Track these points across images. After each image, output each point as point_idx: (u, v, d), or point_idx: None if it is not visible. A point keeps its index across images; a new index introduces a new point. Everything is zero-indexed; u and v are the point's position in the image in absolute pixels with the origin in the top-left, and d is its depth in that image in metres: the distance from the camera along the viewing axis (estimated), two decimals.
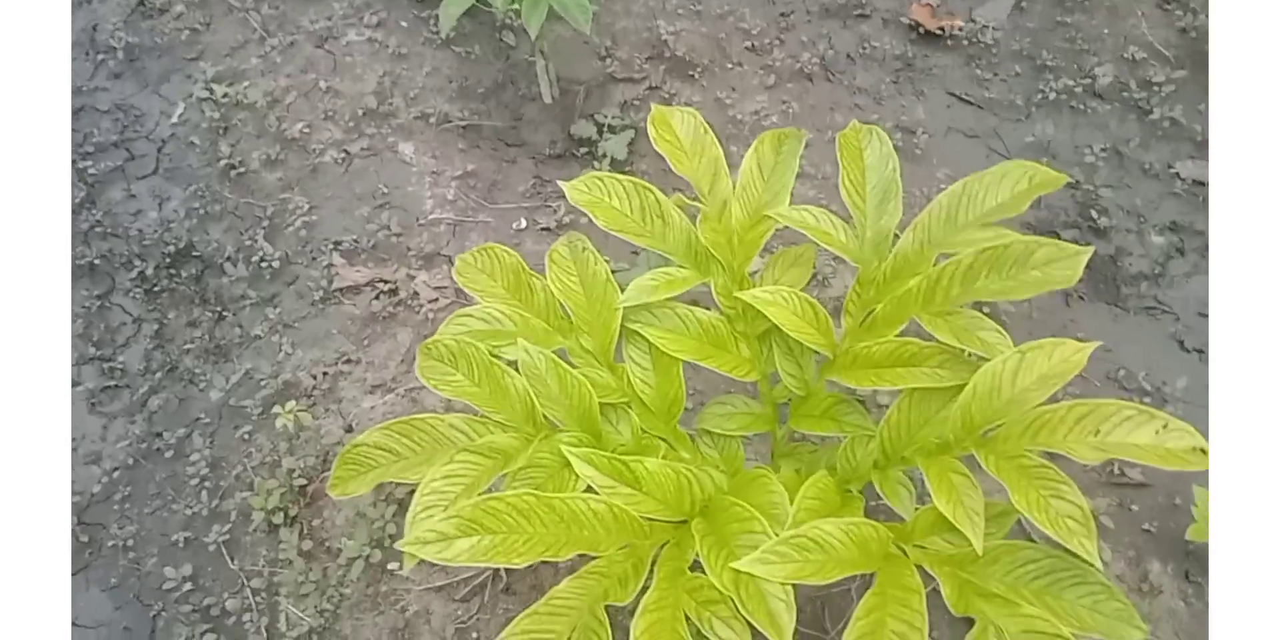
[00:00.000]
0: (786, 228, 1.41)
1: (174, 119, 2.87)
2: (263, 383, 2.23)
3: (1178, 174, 2.62)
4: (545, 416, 1.32)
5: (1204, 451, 1.10)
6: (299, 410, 2.00)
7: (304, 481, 2.00)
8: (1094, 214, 2.55)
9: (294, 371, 2.25)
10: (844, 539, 1.16)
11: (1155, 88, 2.76)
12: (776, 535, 1.14)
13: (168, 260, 2.53)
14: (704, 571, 1.15)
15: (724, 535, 1.19)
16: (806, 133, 1.50)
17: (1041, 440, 1.17)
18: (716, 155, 1.46)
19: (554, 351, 1.36)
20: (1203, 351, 2.30)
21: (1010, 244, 1.28)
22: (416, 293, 2.36)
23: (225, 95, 2.80)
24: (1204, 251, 2.47)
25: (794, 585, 1.13)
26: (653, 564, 1.20)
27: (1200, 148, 2.66)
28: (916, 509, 1.27)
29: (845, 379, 1.35)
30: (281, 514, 1.96)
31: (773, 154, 1.47)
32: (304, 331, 2.36)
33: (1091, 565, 1.12)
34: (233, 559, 1.98)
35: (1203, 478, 2.04)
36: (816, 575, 1.12)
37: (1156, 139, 2.69)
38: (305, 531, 1.95)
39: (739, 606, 1.10)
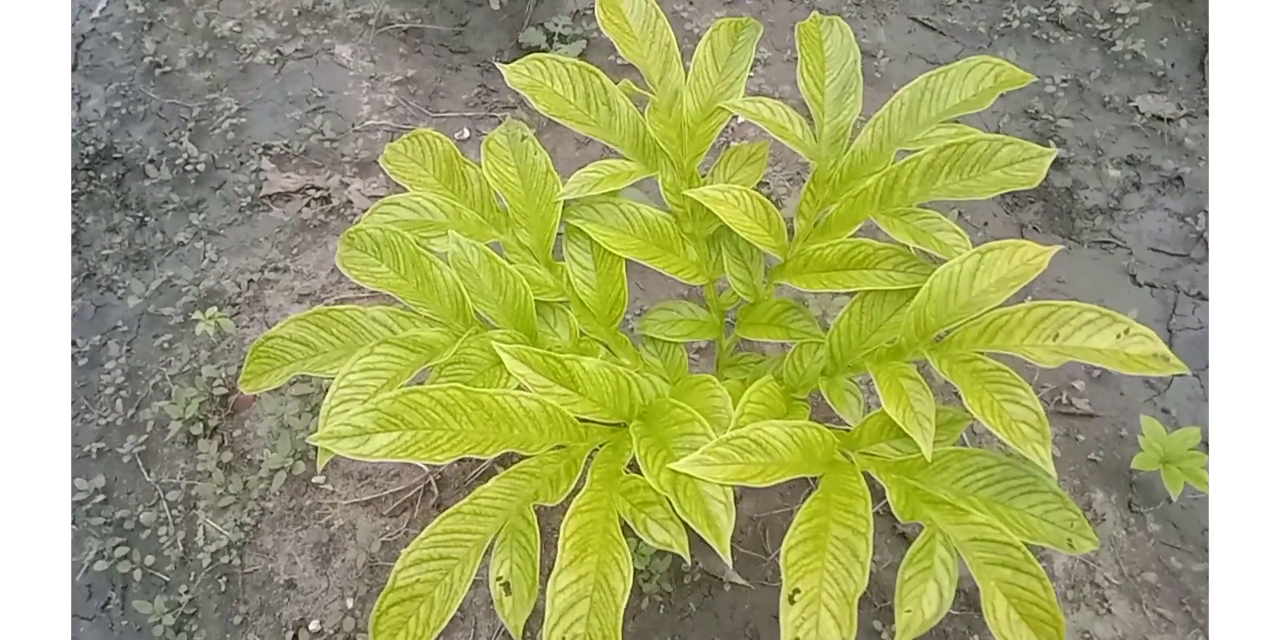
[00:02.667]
0: (739, 126, 1.33)
1: (95, 13, 2.69)
2: (184, 290, 2.11)
3: (1137, 108, 2.57)
4: (477, 313, 1.24)
5: (1165, 357, 1.05)
6: (220, 317, 1.89)
7: (225, 391, 1.90)
8: (1052, 145, 2.49)
9: (218, 279, 2.14)
10: (788, 442, 1.10)
11: (1119, 19, 2.70)
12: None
13: (86, 162, 2.38)
14: (640, 473, 1.09)
15: (663, 437, 1.12)
16: (761, 24, 1.40)
17: (998, 344, 1.11)
18: (669, 41, 1.37)
19: (488, 246, 1.27)
20: (1154, 285, 2.27)
21: (973, 142, 1.21)
22: (350, 201, 2.25)
23: None
24: (1160, 186, 2.43)
25: (734, 497, 1.07)
26: (586, 465, 1.13)
27: (1161, 82, 2.62)
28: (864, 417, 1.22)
29: (796, 282, 1.28)
30: (200, 424, 1.86)
31: (728, 43, 1.37)
32: (229, 239, 2.23)
33: (1043, 473, 1.08)
34: (148, 471, 1.88)
35: (1150, 409, 2.03)
36: (758, 478, 1.06)
37: (1117, 72, 2.64)
38: (225, 443, 1.86)
39: (676, 508, 1.04)
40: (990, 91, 1.28)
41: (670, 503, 1.05)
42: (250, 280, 2.11)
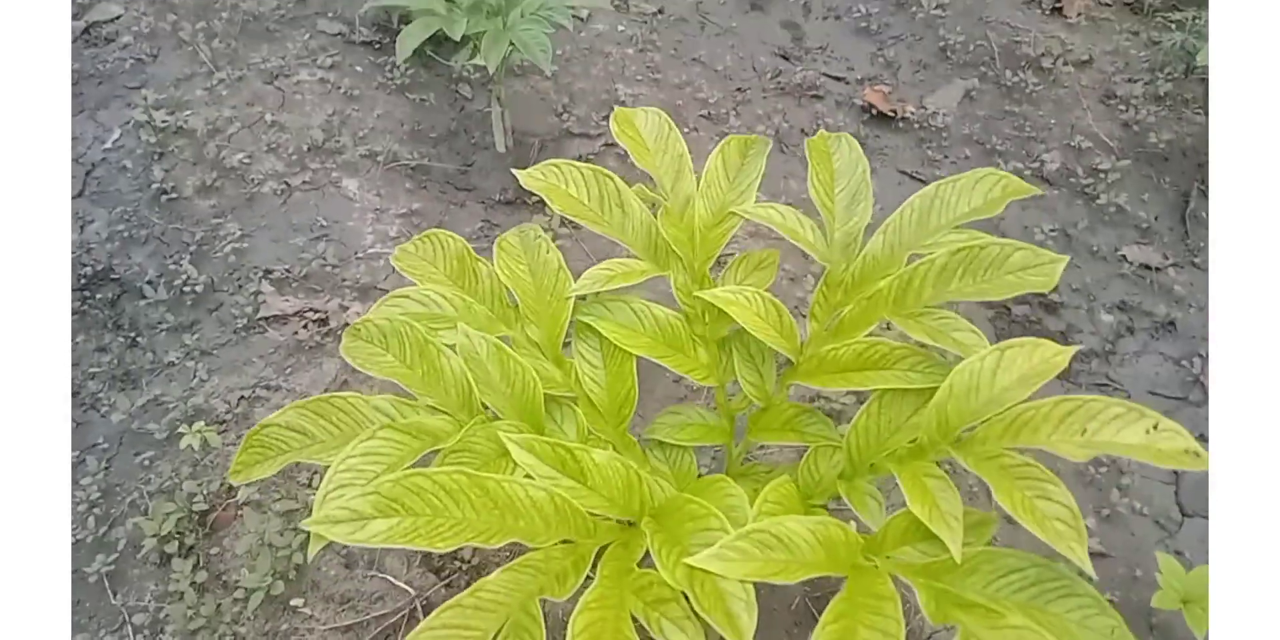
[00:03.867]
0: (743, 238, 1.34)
1: (108, 144, 2.75)
2: (171, 407, 2.05)
3: (1125, 257, 2.63)
4: (484, 404, 1.20)
5: (1196, 453, 1.02)
6: (207, 431, 1.83)
7: (205, 507, 1.81)
8: (1045, 291, 2.54)
9: (207, 398, 2.08)
10: (810, 539, 1.04)
11: (1101, 174, 2.81)
12: None
13: (83, 282, 2.38)
14: (653, 568, 1.02)
15: (678, 534, 1.06)
16: (769, 141, 1.45)
17: (1024, 440, 1.08)
18: (681, 152, 1.40)
19: (497, 339, 1.25)
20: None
21: (985, 245, 1.22)
22: (348, 324, 2.23)
23: (164, 122, 2.70)
24: (1153, 331, 2.45)
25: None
26: (595, 560, 1.07)
27: (1145, 234, 2.69)
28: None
29: (811, 382, 1.26)
30: (176, 542, 1.76)
31: (739, 156, 1.41)
32: (222, 359, 2.20)
33: (1079, 576, 1.02)
34: (115, 593, 1.77)
35: (1165, 546, 1.96)
36: (780, 575, 1.00)
37: (1103, 224, 2.72)
38: (201, 562, 1.75)
39: (694, 604, 0.97)
40: (997, 201, 1.30)
41: (687, 600, 0.98)
42: (241, 398, 2.06)
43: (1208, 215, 2.73)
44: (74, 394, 2.17)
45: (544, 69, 2.35)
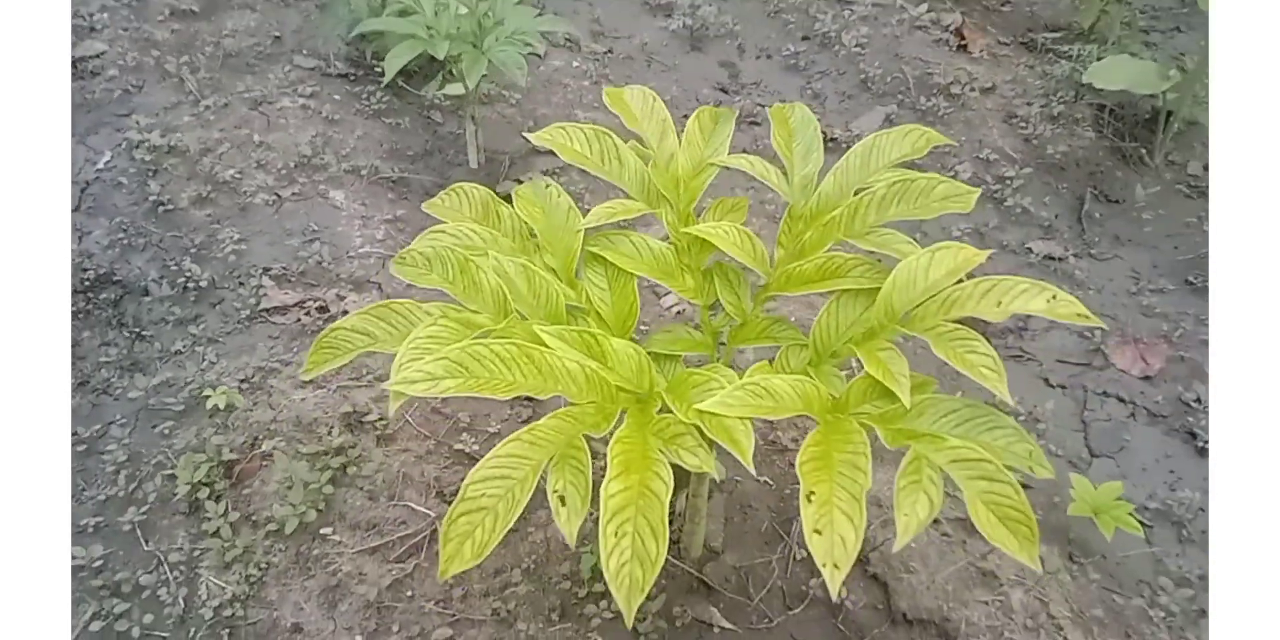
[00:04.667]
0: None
1: (99, 164, 2.95)
2: (187, 382, 2.24)
3: (1031, 249, 2.99)
4: (517, 311, 1.45)
5: (1086, 316, 1.31)
6: (231, 392, 2.03)
7: (234, 457, 2.00)
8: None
9: (219, 376, 2.27)
10: (790, 392, 1.30)
11: (1007, 181, 3.18)
12: None
13: (85, 284, 2.55)
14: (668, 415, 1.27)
15: (686, 397, 1.32)
16: (734, 111, 1.74)
17: (955, 312, 1.36)
18: (665, 117, 1.68)
19: None
20: (1065, 387, 2.57)
21: (916, 179, 1.52)
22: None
23: (157, 143, 2.91)
24: None
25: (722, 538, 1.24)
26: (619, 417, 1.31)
27: (1048, 231, 3.06)
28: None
29: (783, 292, 1.53)
30: (206, 489, 1.94)
31: (711, 122, 1.70)
32: (229, 345, 2.39)
33: (1002, 412, 1.30)
34: (147, 541, 1.93)
35: (1079, 471, 2.26)
36: (771, 413, 1.27)
37: (1011, 223, 3.08)
38: (231, 506, 1.94)
39: (707, 434, 1.22)
40: (922, 148, 1.61)
41: (698, 432, 1.24)
42: (257, 369, 2.25)
43: (1100, 214, 3.11)
44: (83, 383, 2.34)
45: (518, 84, 2.64)
